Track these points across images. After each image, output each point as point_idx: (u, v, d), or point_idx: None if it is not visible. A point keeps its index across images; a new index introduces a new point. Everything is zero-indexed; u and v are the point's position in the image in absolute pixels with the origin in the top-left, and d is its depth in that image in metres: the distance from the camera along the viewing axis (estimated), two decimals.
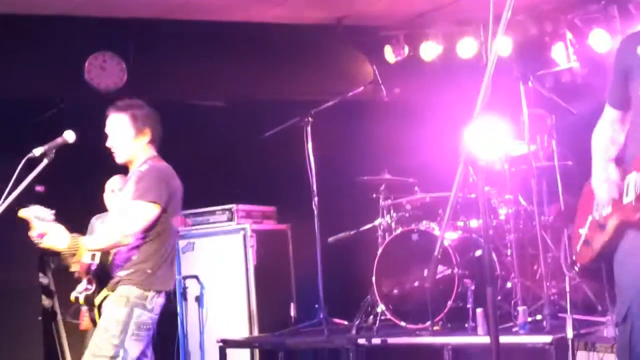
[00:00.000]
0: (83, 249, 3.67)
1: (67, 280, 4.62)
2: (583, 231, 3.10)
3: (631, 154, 2.95)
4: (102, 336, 3.71)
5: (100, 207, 5.29)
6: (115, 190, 5.08)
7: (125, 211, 3.80)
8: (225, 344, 5.78)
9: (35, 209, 3.60)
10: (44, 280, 6.25)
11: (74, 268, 3.80)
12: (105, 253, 3.87)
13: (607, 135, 3.08)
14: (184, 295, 6.47)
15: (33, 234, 3.61)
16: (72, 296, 3.92)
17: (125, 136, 3.91)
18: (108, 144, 3.93)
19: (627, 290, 2.85)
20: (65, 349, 5.95)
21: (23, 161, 4.40)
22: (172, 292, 6.51)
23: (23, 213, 3.56)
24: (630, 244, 2.85)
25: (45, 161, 3.83)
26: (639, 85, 2.89)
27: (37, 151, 3.82)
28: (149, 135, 3.95)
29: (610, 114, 3.10)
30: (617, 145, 3.06)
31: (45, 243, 3.61)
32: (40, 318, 6.04)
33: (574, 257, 3.22)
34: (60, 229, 3.63)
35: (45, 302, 6.02)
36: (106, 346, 3.69)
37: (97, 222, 5.28)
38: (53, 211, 3.65)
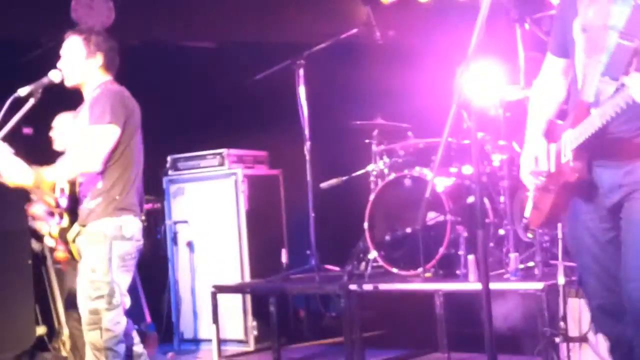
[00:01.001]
0: (45, 182, 3.63)
1: None
2: (531, 194, 3.01)
3: (569, 109, 2.81)
4: (91, 277, 3.70)
5: None
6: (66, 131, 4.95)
7: (85, 137, 3.73)
8: (217, 290, 5.76)
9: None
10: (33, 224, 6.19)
11: (47, 201, 3.74)
12: (73, 185, 3.81)
13: (547, 90, 2.93)
14: (174, 240, 6.45)
15: None
16: (45, 231, 3.89)
17: (76, 57, 3.88)
18: (59, 64, 3.87)
19: (575, 256, 2.87)
20: (56, 293, 5.93)
21: (9, 101, 4.33)
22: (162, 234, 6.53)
23: None
24: (574, 209, 2.78)
25: (31, 101, 3.78)
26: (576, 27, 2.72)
27: (23, 91, 3.77)
28: (100, 60, 3.90)
29: (551, 63, 2.93)
30: (557, 102, 2.92)
31: (9, 180, 3.58)
32: (29, 262, 6.00)
33: (526, 221, 3.14)
34: (22, 164, 3.58)
35: (35, 245, 5.97)
36: (99, 285, 3.69)
37: None
38: (12, 150, 3.60)
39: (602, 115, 2.52)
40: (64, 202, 3.77)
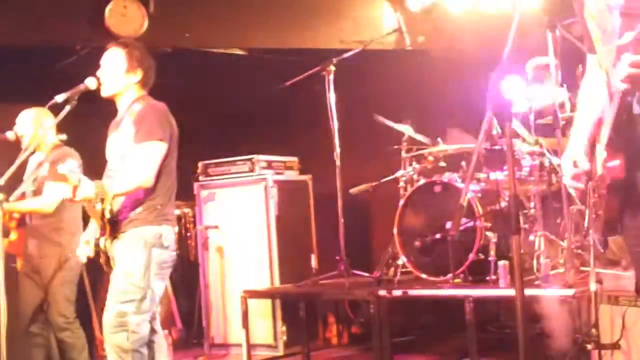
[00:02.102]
0: (109, 195, 3.69)
1: None
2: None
3: None
4: (127, 281, 3.76)
5: None
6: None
7: (138, 154, 3.81)
8: (247, 295, 5.80)
9: (70, 163, 3.62)
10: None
11: (108, 214, 3.80)
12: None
13: (590, 90, 2.71)
14: (205, 246, 6.50)
15: (68, 190, 3.65)
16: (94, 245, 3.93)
17: (116, 69, 3.94)
18: (98, 73, 3.94)
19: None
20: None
21: (46, 108, 4.42)
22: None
23: (62, 169, 3.59)
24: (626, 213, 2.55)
25: (67, 108, 3.85)
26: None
27: (60, 98, 3.83)
28: (139, 75, 3.97)
29: (590, 62, 2.71)
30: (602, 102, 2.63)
31: (78, 196, 3.64)
32: None
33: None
34: (85, 178, 3.66)
35: None
36: (133, 290, 3.75)
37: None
38: (80, 162, 3.67)
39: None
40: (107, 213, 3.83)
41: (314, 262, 6.04)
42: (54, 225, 5.04)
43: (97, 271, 5.47)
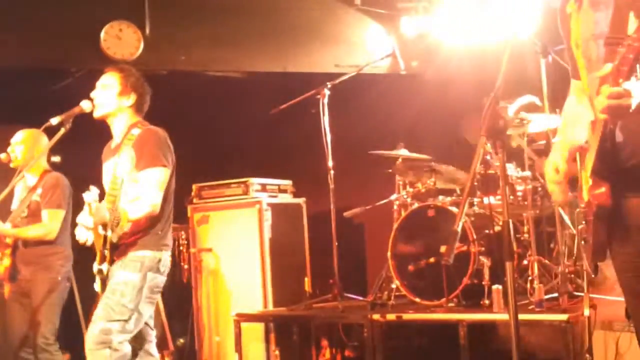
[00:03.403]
0: (124, 221, 3.70)
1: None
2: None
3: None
4: (117, 301, 3.78)
5: None
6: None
7: (143, 181, 3.82)
8: (240, 318, 5.78)
9: (94, 191, 3.62)
10: None
11: (115, 239, 3.80)
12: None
13: (571, 113, 2.78)
14: (198, 268, 6.48)
15: (89, 219, 3.66)
16: (95, 270, 3.93)
17: (110, 91, 3.97)
18: (92, 94, 3.97)
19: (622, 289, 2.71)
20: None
21: (41, 130, 4.43)
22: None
23: (87, 198, 3.60)
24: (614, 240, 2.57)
25: (62, 130, 3.86)
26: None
27: (55, 120, 3.85)
28: (132, 99, 4.01)
29: (573, 87, 2.78)
30: (583, 126, 2.66)
31: (95, 221, 3.65)
32: None
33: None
34: (102, 205, 3.67)
35: None
36: (121, 310, 3.77)
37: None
38: (98, 191, 3.67)
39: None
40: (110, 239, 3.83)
41: (307, 285, 6.03)
42: (49, 251, 5.04)
43: (89, 294, 5.49)
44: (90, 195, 3.61)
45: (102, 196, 3.87)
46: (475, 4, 6.24)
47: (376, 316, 5.08)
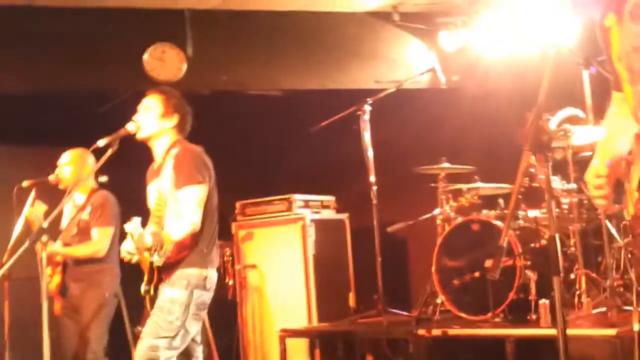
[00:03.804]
0: (168, 243, 3.76)
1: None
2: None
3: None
4: (164, 318, 3.84)
5: None
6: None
7: (182, 200, 3.87)
8: (285, 333, 5.80)
9: (135, 221, 3.69)
10: None
11: (160, 262, 3.86)
12: None
13: (613, 126, 2.76)
14: (243, 285, 6.53)
15: (132, 246, 3.73)
16: (142, 290, 3.98)
17: (153, 113, 4.04)
18: (135, 117, 4.03)
19: None
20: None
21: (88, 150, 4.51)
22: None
23: (128, 228, 3.67)
24: None
25: (109, 151, 3.94)
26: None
27: (102, 142, 3.93)
28: (175, 121, 4.07)
29: (614, 99, 2.76)
30: (626, 138, 2.68)
31: (138, 247, 3.72)
32: None
33: None
34: (144, 231, 3.73)
35: None
36: (169, 327, 3.83)
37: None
38: (139, 218, 3.74)
39: None
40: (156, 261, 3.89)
41: (351, 300, 6.03)
42: (97, 268, 5.14)
43: (136, 308, 5.57)
44: (131, 225, 3.67)
45: (147, 217, 3.94)
46: (515, 17, 6.21)
47: (421, 331, 5.06)
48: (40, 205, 4.90)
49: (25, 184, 5.35)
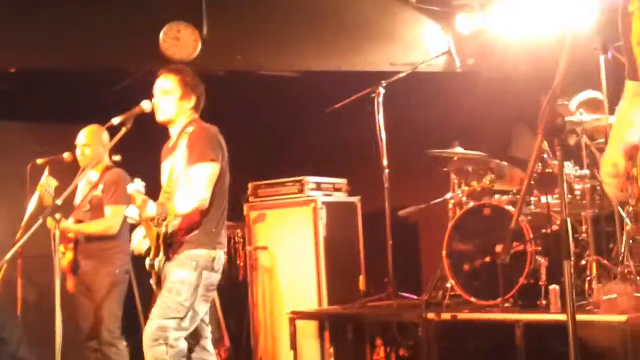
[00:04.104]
0: (171, 216, 3.78)
1: None
2: None
3: None
4: (173, 299, 3.86)
5: None
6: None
7: (192, 176, 3.88)
8: (295, 315, 5.82)
9: (138, 183, 3.71)
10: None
11: (169, 229, 3.87)
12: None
13: (626, 114, 2.71)
14: (254, 266, 6.55)
15: (134, 211, 3.75)
16: (147, 265, 4.01)
17: (171, 97, 4.04)
18: (153, 101, 4.01)
19: None
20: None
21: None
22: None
23: (130, 189, 3.69)
24: None
25: (123, 129, 3.95)
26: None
27: (116, 120, 3.94)
28: (193, 102, 4.09)
29: (627, 87, 2.73)
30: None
31: (142, 216, 3.73)
32: None
33: None
34: (149, 199, 3.75)
35: None
36: (177, 308, 3.86)
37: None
38: (144, 183, 3.75)
39: None
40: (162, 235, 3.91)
41: (361, 283, 6.04)
42: (109, 245, 5.16)
43: (147, 287, 5.60)
44: (134, 186, 3.69)
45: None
46: (532, 0, 6.16)
47: (431, 315, 5.06)
48: (51, 180, 4.92)
49: (39, 161, 5.39)
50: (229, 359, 6.68)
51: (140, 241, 4.07)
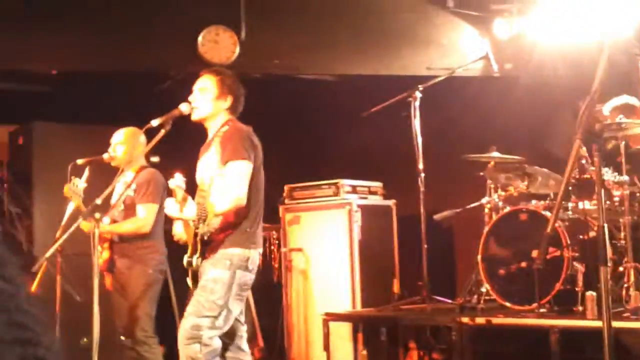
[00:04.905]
0: (211, 214, 3.82)
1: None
2: None
3: None
4: (207, 297, 3.90)
5: None
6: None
7: (227, 174, 3.92)
8: (329, 317, 5.85)
9: (178, 178, 3.77)
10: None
11: (205, 232, 3.93)
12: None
13: None
14: (288, 268, 6.59)
15: (174, 206, 3.79)
16: (185, 262, 4.06)
17: (208, 94, 4.09)
18: (190, 98, 4.08)
19: None
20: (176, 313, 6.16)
21: (141, 130, 4.61)
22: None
23: (171, 184, 3.75)
24: None
25: (162, 131, 4.01)
26: None
27: (155, 122, 4.00)
28: (229, 102, 4.13)
29: None
30: None
31: (183, 214, 3.80)
32: None
33: None
34: (190, 199, 3.81)
35: None
36: (211, 307, 3.90)
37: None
38: (185, 178, 3.81)
39: None
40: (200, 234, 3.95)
41: (396, 286, 6.05)
42: (142, 244, 5.21)
43: (183, 288, 5.67)
44: (175, 181, 3.74)
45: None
46: (572, 5, 6.12)
47: (465, 319, 5.05)
48: (77, 180, 4.97)
49: (79, 161, 5.46)
50: (263, 359, 6.72)
51: (182, 232, 4.12)
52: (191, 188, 4.08)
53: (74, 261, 5.36)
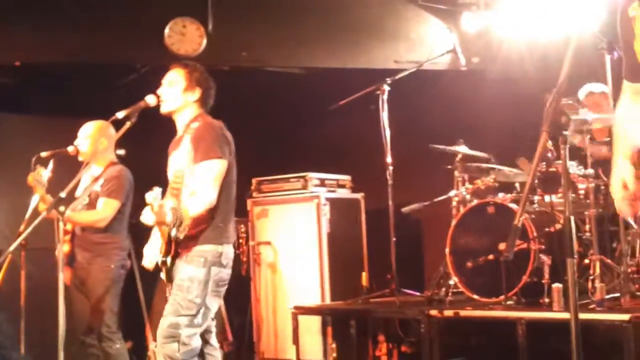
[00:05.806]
0: (186, 221, 3.78)
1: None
2: None
3: None
4: (184, 296, 3.87)
5: None
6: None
7: (199, 174, 3.89)
8: (298, 311, 5.84)
9: (156, 191, 3.72)
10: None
11: (180, 236, 3.89)
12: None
13: (626, 116, 2.76)
14: (257, 261, 6.57)
15: (150, 217, 3.78)
16: (160, 262, 4.02)
17: (176, 87, 4.06)
18: (159, 91, 4.05)
19: None
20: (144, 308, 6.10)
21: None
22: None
23: (148, 198, 3.70)
24: None
25: (128, 124, 3.96)
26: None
27: (121, 114, 3.95)
28: (197, 94, 4.09)
29: (626, 89, 2.78)
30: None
31: (157, 221, 3.75)
32: None
33: None
34: (165, 204, 3.75)
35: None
36: (188, 305, 3.86)
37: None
38: (160, 190, 3.76)
39: None
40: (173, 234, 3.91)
41: (364, 280, 6.05)
42: (104, 239, 5.14)
43: (150, 283, 5.62)
44: (152, 194, 3.70)
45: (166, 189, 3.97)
46: None
47: (433, 312, 5.07)
48: (41, 170, 4.90)
49: (43, 154, 5.38)
50: (232, 353, 6.69)
51: (151, 260, 4.09)
52: (158, 181, 4.04)
53: (37, 255, 5.29)
